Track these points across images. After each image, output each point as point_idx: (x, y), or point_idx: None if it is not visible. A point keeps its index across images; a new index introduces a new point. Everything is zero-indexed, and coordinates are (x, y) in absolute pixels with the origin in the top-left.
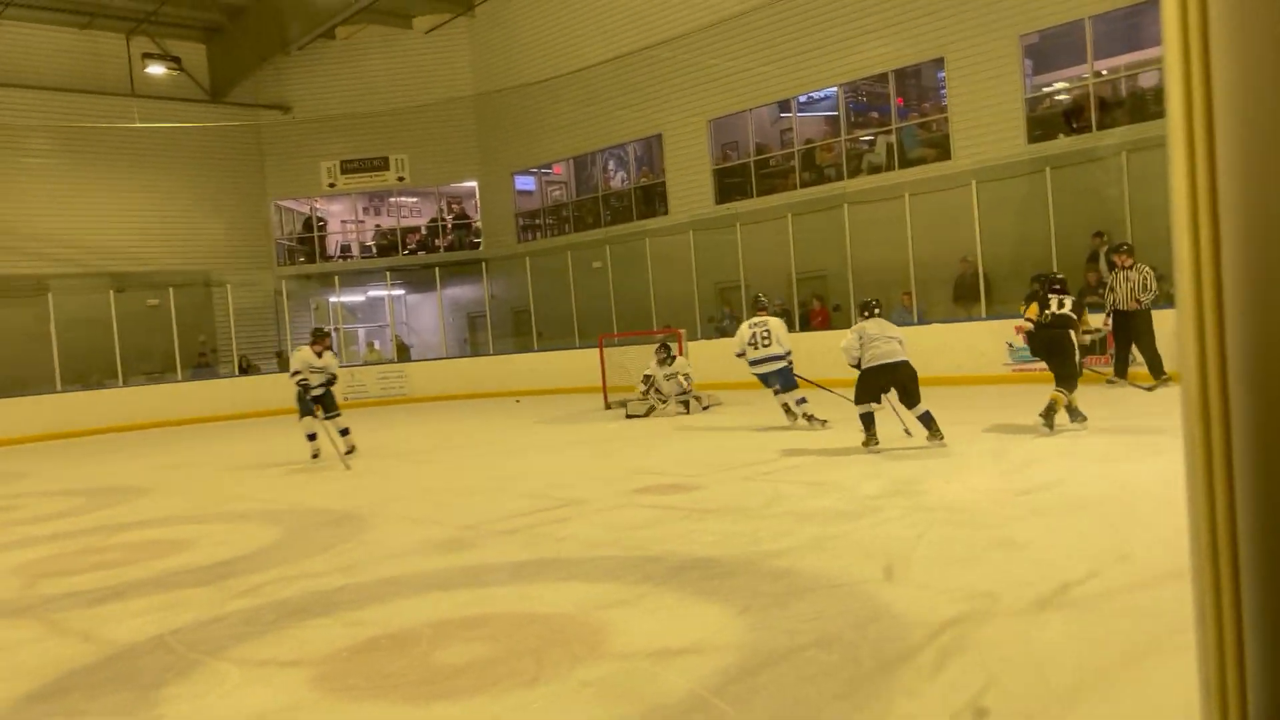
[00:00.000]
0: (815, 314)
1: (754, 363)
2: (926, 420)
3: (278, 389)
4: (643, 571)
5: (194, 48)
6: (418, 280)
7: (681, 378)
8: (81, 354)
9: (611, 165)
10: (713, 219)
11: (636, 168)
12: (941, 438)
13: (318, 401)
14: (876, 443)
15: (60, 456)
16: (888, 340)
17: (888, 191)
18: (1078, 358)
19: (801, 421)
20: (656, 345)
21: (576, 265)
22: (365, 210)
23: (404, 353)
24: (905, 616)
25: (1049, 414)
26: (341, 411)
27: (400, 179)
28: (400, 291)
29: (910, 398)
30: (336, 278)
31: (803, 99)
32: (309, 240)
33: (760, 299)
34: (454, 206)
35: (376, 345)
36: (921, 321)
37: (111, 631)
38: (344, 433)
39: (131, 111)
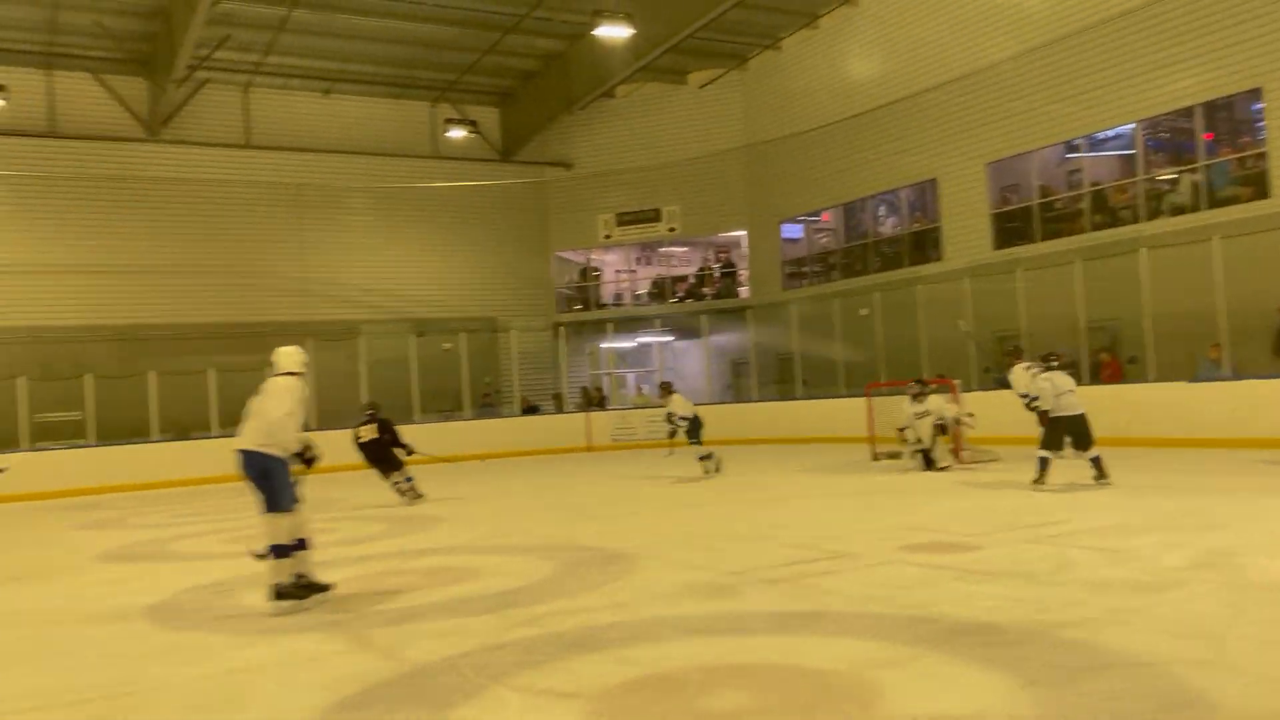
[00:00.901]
0: (1106, 366)
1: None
2: (1097, 463)
3: (554, 429)
4: (915, 632)
5: (488, 111)
6: (685, 327)
7: (950, 417)
8: (385, 392)
9: (882, 211)
10: (991, 264)
11: (909, 213)
12: (1109, 478)
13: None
14: (1045, 484)
15: (365, 485)
16: (1072, 393)
17: (1193, 234)
18: None
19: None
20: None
21: (842, 312)
22: (637, 260)
23: None
24: (1224, 706)
25: None
26: (703, 441)
27: (671, 230)
28: (668, 338)
29: (1084, 443)
30: (609, 324)
31: (1089, 138)
32: (584, 289)
33: (1017, 347)
34: (721, 255)
35: (645, 389)
36: (1235, 376)
37: (409, 650)
38: (704, 458)
39: (433, 172)
